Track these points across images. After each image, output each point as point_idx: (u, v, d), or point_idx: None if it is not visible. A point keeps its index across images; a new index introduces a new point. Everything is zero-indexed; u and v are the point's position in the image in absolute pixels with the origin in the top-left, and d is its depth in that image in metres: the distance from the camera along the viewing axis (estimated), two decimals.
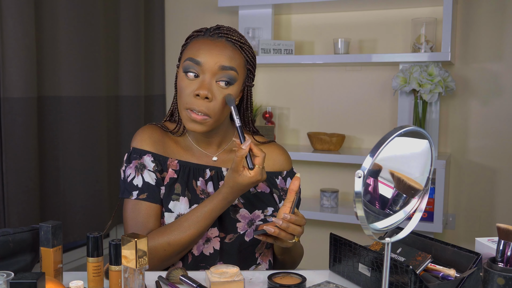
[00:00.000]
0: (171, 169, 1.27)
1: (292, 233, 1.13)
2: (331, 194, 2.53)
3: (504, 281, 0.88)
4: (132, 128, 2.63)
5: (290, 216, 1.11)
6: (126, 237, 0.96)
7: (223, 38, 1.23)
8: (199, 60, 1.20)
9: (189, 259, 1.25)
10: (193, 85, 1.21)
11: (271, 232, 1.11)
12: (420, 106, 2.33)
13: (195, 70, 1.21)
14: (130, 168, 1.27)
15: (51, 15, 2.18)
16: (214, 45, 1.21)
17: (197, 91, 1.19)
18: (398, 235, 0.91)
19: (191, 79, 1.21)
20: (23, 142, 2.02)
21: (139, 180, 1.25)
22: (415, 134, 0.85)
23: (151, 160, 1.27)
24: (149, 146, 1.28)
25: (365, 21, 2.60)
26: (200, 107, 1.20)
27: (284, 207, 1.16)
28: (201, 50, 1.21)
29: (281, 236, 1.12)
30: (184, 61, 1.23)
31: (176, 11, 2.94)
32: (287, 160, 1.39)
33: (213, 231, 1.25)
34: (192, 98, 1.20)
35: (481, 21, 2.40)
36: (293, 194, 1.16)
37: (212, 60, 1.20)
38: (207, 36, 1.24)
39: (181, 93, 1.23)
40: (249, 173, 1.13)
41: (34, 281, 0.79)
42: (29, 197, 2.05)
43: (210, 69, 1.20)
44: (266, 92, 2.79)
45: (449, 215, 2.50)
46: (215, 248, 1.25)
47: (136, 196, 1.24)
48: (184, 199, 1.25)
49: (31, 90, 2.04)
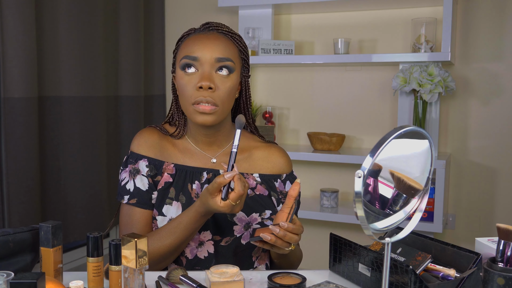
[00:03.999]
0: (167, 173, 1.27)
1: (289, 241, 1.11)
2: (331, 194, 2.53)
3: (504, 281, 0.88)
4: (132, 128, 2.63)
5: (287, 224, 1.09)
6: (126, 237, 0.96)
7: (214, 31, 1.25)
8: (195, 56, 1.21)
9: (183, 263, 1.25)
10: (193, 79, 1.21)
11: (267, 239, 1.09)
12: (420, 106, 2.33)
13: (193, 65, 1.21)
14: (125, 172, 1.29)
15: (51, 15, 2.18)
16: (207, 38, 1.22)
17: (199, 83, 1.19)
18: (398, 235, 0.91)
19: (191, 74, 1.21)
20: (24, 142, 2.02)
21: (131, 185, 1.26)
22: (415, 134, 0.85)
23: (146, 165, 1.27)
24: (145, 151, 1.28)
25: (365, 21, 2.60)
26: (206, 97, 1.19)
27: (282, 212, 1.15)
28: (195, 46, 1.22)
29: (277, 244, 1.10)
30: (180, 60, 1.23)
31: (176, 11, 2.94)
32: (286, 163, 1.37)
33: (205, 234, 1.24)
34: (196, 92, 1.20)
35: (481, 21, 2.40)
36: (292, 200, 1.15)
37: (208, 53, 1.20)
38: (198, 32, 1.25)
39: (183, 91, 1.22)
40: (219, 202, 1.09)
41: (34, 281, 0.79)
42: (29, 197, 2.05)
43: (207, 61, 1.20)
44: (266, 92, 2.79)
45: (449, 215, 2.50)
46: (209, 252, 1.25)
47: (127, 200, 1.26)
48: (177, 203, 1.25)
49: (32, 90, 2.04)
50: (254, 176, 1.31)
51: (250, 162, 1.32)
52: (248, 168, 1.31)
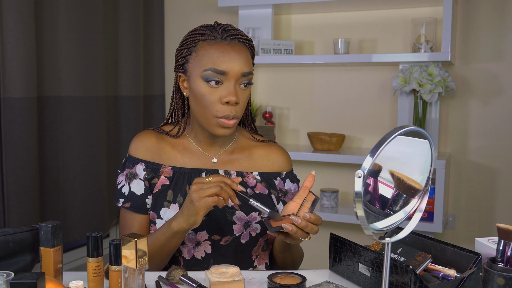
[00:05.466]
0: (164, 176, 1.27)
1: (310, 231, 1.10)
2: (331, 194, 2.53)
3: (504, 281, 0.88)
4: (132, 128, 2.63)
5: (309, 215, 1.09)
6: (126, 237, 0.96)
7: (235, 40, 1.21)
8: (223, 70, 1.17)
9: (181, 263, 1.25)
10: (217, 92, 1.19)
11: (288, 230, 1.08)
12: (420, 106, 2.33)
13: (218, 78, 1.18)
14: (122, 175, 1.29)
15: (51, 15, 2.18)
16: (233, 51, 1.19)
17: (227, 99, 1.17)
18: (398, 235, 0.91)
19: (214, 87, 1.19)
20: (23, 142, 2.02)
21: (126, 188, 1.27)
22: (415, 134, 0.85)
23: (143, 169, 1.28)
24: (142, 154, 1.29)
25: (365, 21, 2.60)
26: (232, 113, 1.19)
27: (293, 202, 1.15)
28: (222, 58, 1.18)
29: (297, 234, 1.09)
30: (204, 71, 1.19)
31: (176, 11, 2.94)
32: (286, 161, 1.37)
33: (202, 235, 1.24)
34: (221, 106, 1.19)
35: (481, 21, 2.40)
36: (306, 191, 1.15)
37: (236, 67, 1.18)
38: (219, 40, 1.20)
39: (204, 101, 1.20)
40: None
41: (34, 281, 0.79)
42: (29, 197, 2.05)
43: (234, 76, 1.19)
44: (266, 92, 2.79)
45: (449, 215, 2.50)
46: (207, 252, 1.25)
47: (122, 204, 1.27)
48: (175, 205, 1.25)
49: (31, 90, 2.04)
50: (254, 174, 1.31)
51: (250, 161, 1.33)
52: (248, 166, 1.32)
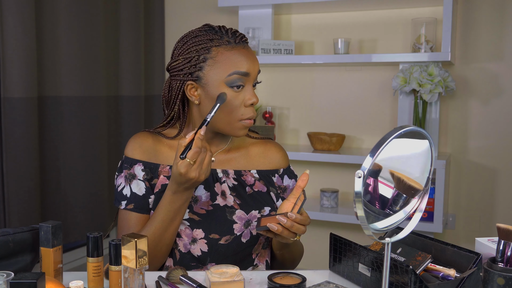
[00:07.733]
0: (163, 176, 1.27)
1: (296, 232, 1.12)
2: (331, 194, 2.53)
3: (504, 281, 0.88)
4: (132, 128, 2.63)
5: (295, 215, 1.10)
6: (126, 237, 0.96)
7: (245, 42, 1.25)
8: (246, 72, 1.21)
9: (177, 257, 1.25)
10: (240, 96, 1.21)
11: (274, 229, 1.10)
12: (420, 106, 2.33)
13: (242, 82, 1.21)
14: (121, 178, 1.29)
15: (51, 15, 2.18)
16: (249, 53, 1.23)
17: (251, 101, 1.22)
18: (398, 235, 0.91)
19: (236, 91, 1.21)
20: (24, 142, 2.02)
21: (128, 190, 1.27)
22: (415, 134, 0.85)
23: (141, 169, 1.28)
24: (139, 155, 1.28)
25: (365, 21, 2.60)
26: (254, 113, 1.25)
27: (288, 202, 1.16)
28: (242, 61, 1.21)
29: (284, 234, 1.11)
30: (229, 75, 1.19)
31: (176, 11, 2.94)
32: (283, 158, 1.38)
33: (198, 232, 1.24)
34: (245, 109, 1.22)
35: (481, 21, 2.40)
36: (299, 191, 1.17)
37: (255, 69, 1.23)
38: (234, 44, 1.22)
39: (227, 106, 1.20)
40: (178, 162, 1.10)
41: (34, 281, 0.79)
42: (29, 197, 2.05)
43: (253, 77, 1.24)
44: (266, 92, 2.79)
45: (449, 215, 2.50)
46: (203, 250, 1.25)
47: (124, 206, 1.26)
48: None
49: (32, 90, 2.04)
50: (252, 172, 1.32)
51: (248, 159, 1.34)
52: (245, 165, 1.33)
